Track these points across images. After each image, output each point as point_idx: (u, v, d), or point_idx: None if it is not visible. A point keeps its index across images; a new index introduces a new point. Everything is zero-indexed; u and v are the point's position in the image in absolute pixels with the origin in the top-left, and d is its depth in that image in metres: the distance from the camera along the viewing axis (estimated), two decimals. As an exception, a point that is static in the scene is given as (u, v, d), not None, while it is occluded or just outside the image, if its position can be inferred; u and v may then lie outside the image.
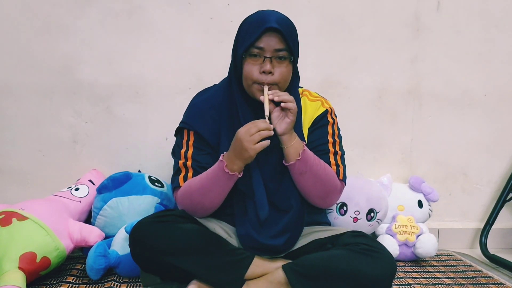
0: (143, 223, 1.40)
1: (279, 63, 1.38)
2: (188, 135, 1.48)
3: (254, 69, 1.38)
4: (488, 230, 2.18)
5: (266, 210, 1.41)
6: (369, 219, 1.91)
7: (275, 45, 1.36)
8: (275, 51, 1.37)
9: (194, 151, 1.46)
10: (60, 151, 2.00)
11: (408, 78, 2.19)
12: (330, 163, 1.47)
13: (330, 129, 1.52)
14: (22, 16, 1.94)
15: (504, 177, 2.27)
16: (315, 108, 1.53)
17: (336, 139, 1.51)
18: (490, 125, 2.26)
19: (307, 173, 1.40)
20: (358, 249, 1.36)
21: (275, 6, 2.02)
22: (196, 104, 1.53)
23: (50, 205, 1.69)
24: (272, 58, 1.37)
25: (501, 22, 2.21)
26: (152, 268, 1.41)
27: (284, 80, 1.40)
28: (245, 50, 1.38)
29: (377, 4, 2.13)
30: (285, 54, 1.38)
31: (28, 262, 1.46)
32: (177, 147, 1.50)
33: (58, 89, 1.98)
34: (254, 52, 1.37)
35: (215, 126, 1.46)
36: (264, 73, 1.37)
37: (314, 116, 1.52)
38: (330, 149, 1.49)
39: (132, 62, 2.01)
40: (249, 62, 1.38)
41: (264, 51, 1.36)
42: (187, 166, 1.45)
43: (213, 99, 1.50)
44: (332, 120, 1.53)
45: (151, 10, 2.00)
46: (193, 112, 1.51)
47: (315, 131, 1.51)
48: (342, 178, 1.48)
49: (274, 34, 1.36)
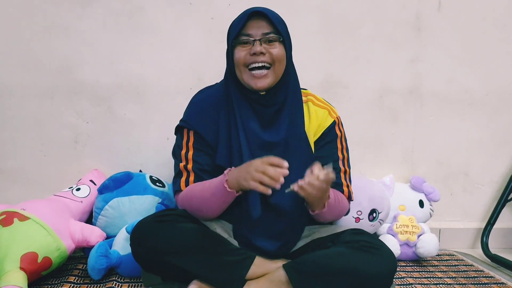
0: (144, 223, 1.40)
1: (270, 45, 1.37)
2: (188, 135, 1.47)
3: (244, 53, 1.37)
4: (489, 229, 2.18)
5: (258, 209, 1.39)
6: (371, 219, 1.90)
7: (263, 29, 1.37)
8: (263, 34, 1.37)
9: (194, 152, 1.45)
10: (61, 151, 2.00)
11: (409, 78, 2.18)
12: (341, 184, 1.46)
13: (339, 144, 1.50)
14: (23, 16, 1.94)
15: (506, 176, 2.27)
16: (323, 118, 1.49)
17: (345, 154, 1.51)
18: (491, 124, 2.26)
19: (326, 213, 1.39)
20: (358, 246, 1.37)
21: (275, 6, 2.02)
22: (196, 102, 1.52)
23: (51, 205, 1.69)
24: (261, 40, 1.36)
25: (502, 21, 2.21)
26: (153, 268, 1.41)
27: (278, 60, 1.39)
28: (234, 38, 1.38)
29: (378, 4, 2.13)
30: (274, 36, 1.37)
31: (29, 262, 1.47)
32: (177, 147, 1.49)
33: (59, 89, 1.98)
34: (242, 40, 1.37)
35: (214, 125, 1.45)
36: (255, 55, 1.36)
37: (322, 126, 1.49)
38: (341, 167, 1.48)
39: (133, 62, 2.01)
40: (239, 49, 1.38)
41: (251, 36, 1.37)
42: (188, 169, 1.44)
43: (213, 97, 1.49)
44: (340, 132, 1.51)
45: (152, 10, 2.00)
46: (193, 110, 1.50)
47: (324, 146, 1.48)
48: (352, 197, 1.49)
49: (260, 19, 1.37)
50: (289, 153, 1.41)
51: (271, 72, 1.38)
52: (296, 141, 1.44)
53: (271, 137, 1.42)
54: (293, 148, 1.43)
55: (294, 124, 1.44)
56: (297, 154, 1.43)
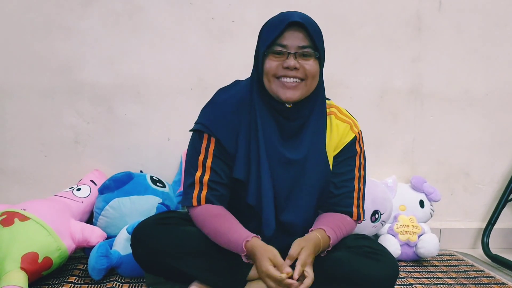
0: (145, 225, 1.40)
1: (304, 60, 1.29)
2: (208, 140, 1.36)
3: (276, 64, 1.28)
4: (490, 230, 2.18)
5: (272, 228, 1.36)
6: (373, 220, 1.90)
7: (299, 41, 1.27)
8: (299, 48, 1.27)
9: (213, 160, 1.35)
10: (62, 152, 2.00)
11: (410, 78, 2.18)
12: (352, 204, 1.41)
13: (357, 161, 1.43)
14: (23, 16, 1.94)
15: (506, 176, 2.26)
16: (344, 133, 1.42)
17: (361, 172, 1.44)
18: (492, 124, 2.25)
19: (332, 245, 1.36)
20: (361, 251, 1.36)
21: (276, 6, 2.02)
22: (219, 103, 1.39)
23: (52, 206, 1.69)
24: (296, 54, 1.27)
25: (502, 21, 2.21)
26: (153, 269, 1.41)
27: (312, 76, 1.31)
28: (267, 47, 1.28)
29: (379, 4, 2.12)
30: (310, 51, 1.29)
31: (30, 262, 1.46)
32: (194, 150, 1.38)
33: (60, 90, 1.98)
34: (277, 50, 1.27)
35: (234, 132, 1.36)
36: (288, 69, 1.27)
37: (342, 142, 1.41)
38: (355, 186, 1.42)
39: (133, 63, 2.01)
40: (271, 59, 1.29)
41: (287, 48, 1.27)
42: (203, 182, 1.35)
43: (236, 99, 1.38)
44: (360, 149, 1.44)
45: (153, 10, 2.00)
46: (215, 114, 1.37)
47: (342, 162, 1.42)
48: (362, 217, 1.44)
49: (297, 30, 1.27)
50: (306, 171, 1.37)
51: (302, 85, 1.30)
52: (315, 159, 1.38)
53: (292, 154, 1.36)
54: (310, 166, 1.38)
55: (315, 141, 1.38)
56: (314, 172, 1.38)
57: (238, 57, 2.02)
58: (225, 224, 1.31)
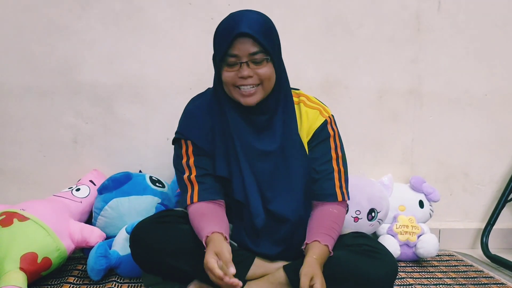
0: (143, 224, 1.40)
1: (257, 66, 1.33)
2: (186, 144, 1.44)
3: (232, 75, 1.34)
4: (489, 230, 2.18)
5: (262, 217, 1.39)
6: (370, 219, 1.90)
7: (249, 49, 1.31)
8: (249, 55, 1.32)
9: (194, 158, 1.43)
10: (61, 152, 2.00)
11: (409, 78, 2.18)
12: (334, 185, 1.44)
13: (332, 142, 1.46)
14: (22, 16, 1.93)
15: (506, 177, 2.27)
16: (314, 118, 1.46)
17: (339, 153, 1.47)
18: (491, 125, 2.26)
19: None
20: (360, 250, 1.37)
21: (275, 6, 2.02)
22: (190, 110, 1.49)
23: (51, 206, 1.69)
24: (248, 62, 1.32)
25: (501, 21, 2.21)
26: (152, 269, 1.41)
27: (267, 79, 1.35)
28: (220, 59, 1.35)
29: (378, 4, 2.12)
30: (261, 56, 1.33)
31: (29, 262, 1.46)
32: (177, 158, 1.47)
33: (59, 90, 1.98)
34: (230, 61, 1.33)
35: (209, 133, 1.43)
36: (242, 78, 1.33)
37: (313, 127, 1.46)
38: (334, 167, 1.45)
39: (132, 63, 2.01)
40: (227, 70, 1.35)
41: (239, 58, 1.32)
42: (192, 181, 1.41)
43: (205, 105, 1.47)
44: (333, 131, 1.47)
45: (152, 10, 2.00)
46: (187, 120, 1.47)
47: (317, 146, 1.46)
48: (347, 197, 1.46)
49: (246, 39, 1.31)
50: (285, 160, 1.42)
51: (259, 89, 1.35)
52: (291, 147, 1.42)
53: (266, 146, 1.41)
54: (288, 155, 1.42)
55: (287, 130, 1.42)
56: (293, 159, 1.42)
57: (237, 57, 2.02)
58: (202, 221, 1.34)
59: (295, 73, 2.08)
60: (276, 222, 1.41)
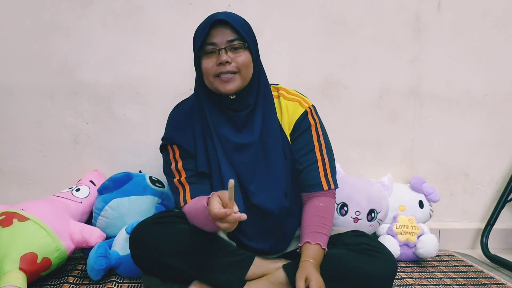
0: (142, 225, 1.40)
1: (235, 53, 1.36)
2: (172, 149, 1.47)
3: (211, 63, 1.36)
4: (489, 230, 2.18)
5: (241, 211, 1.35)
6: (370, 219, 1.90)
7: (227, 36, 1.35)
8: (227, 42, 1.35)
9: (182, 162, 1.45)
10: (61, 152, 2.00)
11: (409, 78, 2.18)
12: (318, 174, 1.44)
13: (314, 132, 1.47)
14: (23, 16, 1.93)
15: (505, 177, 2.27)
16: (293, 109, 1.48)
17: (322, 142, 1.47)
18: (491, 125, 2.26)
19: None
20: (359, 248, 1.37)
21: (275, 6, 2.03)
22: (173, 117, 1.52)
23: (51, 206, 1.69)
24: (226, 49, 1.35)
25: (501, 22, 2.21)
26: (152, 270, 1.41)
27: (245, 66, 1.37)
28: (199, 49, 1.37)
29: (378, 4, 2.12)
30: (239, 43, 1.36)
31: (29, 262, 1.47)
32: (166, 164, 1.49)
33: (59, 90, 1.98)
34: (208, 49, 1.36)
35: (191, 135, 1.45)
36: (221, 65, 1.35)
37: (293, 119, 1.47)
38: (318, 157, 1.46)
39: (133, 63, 2.01)
40: (206, 59, 1.37)
41: (217, 45, 1.35)
42: (183, 183, 1.43)
43: (187, 108, 1.50)
44: (313, 121, 1.48)
45: (152, 11, 2.00)
46: (171, 126, 1.50)
47: (298, 137, 1.47)
48: (333, 185, 1.46)
49: (223, 27, 1.36)
50: (265, 152, 1.43)
51: (238, 76, 1.37)
52: (271, 138, 1.43)
53: (245, 138, 1.42)
54: (269, 147, 1.43)
55: (267, 123, 1.44)
56: (274, 151, 1.43)
57: (237, 58, 2.02)
58: (197, 204, 1.34)
59: (295, 73, 2.10)
60: (260, 215, 1.43)
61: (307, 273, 1.27)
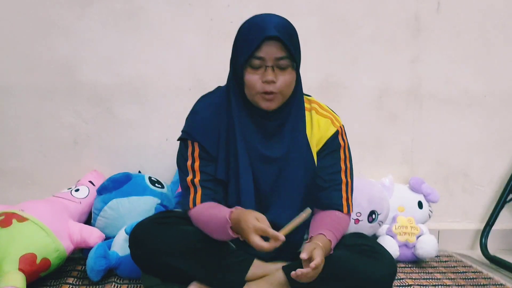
0: (143, 225, 1.40)
1: (281, 71, 1.33)
2: (192, 145, 1.41)
3: (256, 79, 1.32)
4: (488, 231, 2.18)
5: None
6: (371, 220, 1.90)
7: (276, 53, 1.31)
8: (276, 59, 1.31)
9: (200, 162, 1.40)
10: (60, 152, 2.00)
11: (409, 79, 2.18)
12: (341, 197, 1.43)
13: (342, 153, 1.46)
14: (22, 16, 1.93)
15: (505, 177, 2.27)
16: (325, 128, 1.45)
17: (347, 164, 1.47)
18: (491, 125, 2.26)
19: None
20: (359, 250, 1.37)
21: (275, 6, 2.02)
22: (198, 111, 1.45)
23: (50, 206, 1.69)
24: (273, 66, 1.31)
25: (500, 22, 2.21)
26: (152, 270, 1.41)
27: (288, 87, 1.35)
28: (245, 60, 1.32)
29: (377, 5, 2.12)
30: (287, 62, 1.32)
31: (28, 263, 1.46)
32: (182, 157, 1.43)
33: (59, 90, 1.98)
34: (255, 63, 1.31)
35: (216, 136, 1.41)
36: (266, 83, 1.31)
37: (324, 136, 1.44)
38: (343, 179, 1.45)
39: (132, 63, 2.01)
40: (250, 72, 1.33)
41: (264, 60, 1.31)
42: (195, 184, 1.39)
43: (214, 105, 1.44)
44: (343, 142, 1.47)
45: (152, 11, 2.00)
46: (195, 120, 1.43)
47: (327, 156, 1.45)
48: (351, 210, 1.45)
49: (274, 42, 1.30)
50: (289, 167, 1.40)
51: (279, 96, 1.34)
52: (297, 155, 1.40)
53: (273, 152, 1.39)
54: (293, 162, 1.40)
55: (296, 138, 1.41)
56: (297, 168, 1.41)
57: (237, 58, 2.02)
58: (214, 210, 1.33)
59: (295, 74, 2.09)
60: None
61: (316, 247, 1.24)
